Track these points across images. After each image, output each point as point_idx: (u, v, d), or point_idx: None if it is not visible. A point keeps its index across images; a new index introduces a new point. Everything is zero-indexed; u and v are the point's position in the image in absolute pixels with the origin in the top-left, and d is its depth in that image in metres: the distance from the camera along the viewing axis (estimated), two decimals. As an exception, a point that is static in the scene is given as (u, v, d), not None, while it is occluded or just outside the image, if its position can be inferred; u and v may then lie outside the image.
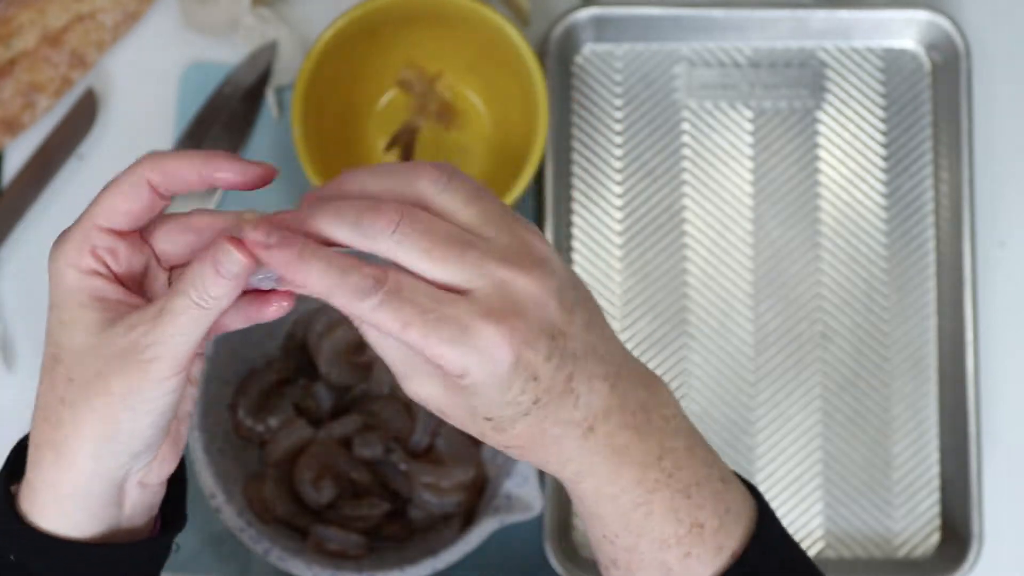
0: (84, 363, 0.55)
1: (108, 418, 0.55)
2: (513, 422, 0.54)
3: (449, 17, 0.92)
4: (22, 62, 0.96)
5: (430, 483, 0.89)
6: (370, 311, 0.52)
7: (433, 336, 0.52)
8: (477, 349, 0.52)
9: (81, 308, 0.55)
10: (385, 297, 0.52)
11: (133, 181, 0.57)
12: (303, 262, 0.52)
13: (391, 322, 0.52)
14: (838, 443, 0.95)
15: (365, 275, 0.52)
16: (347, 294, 0.52)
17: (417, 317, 0.51)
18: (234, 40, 0.97)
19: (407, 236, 0.53)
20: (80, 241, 0.56)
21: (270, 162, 0.61)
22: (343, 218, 0.53)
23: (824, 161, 0.97)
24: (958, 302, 0.94)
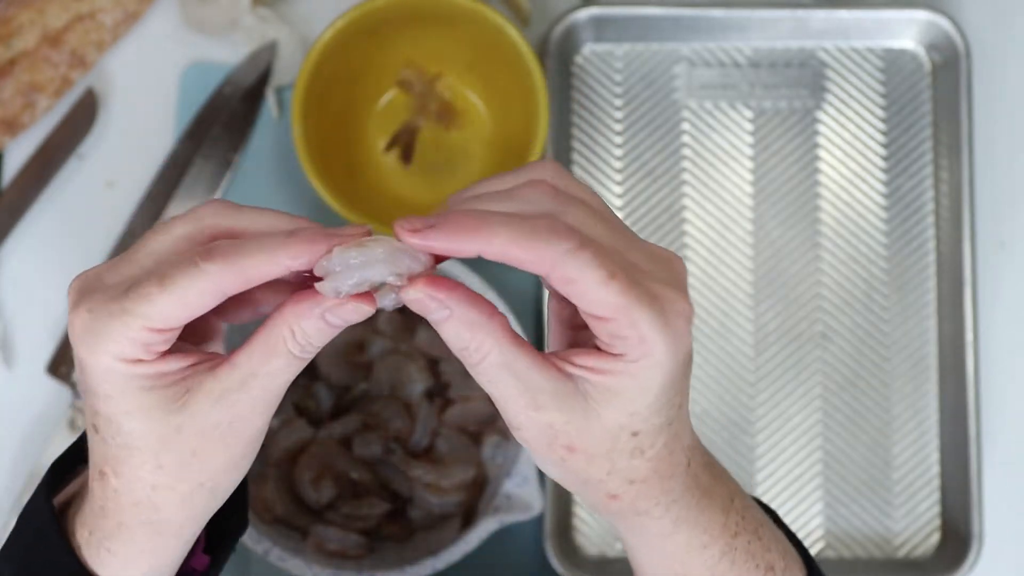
0: (172, 447, 0.50)
1: (214, 488, 0.52)
2: (656, 438, 0.50)
3: (449, 17, 0.92)
4: (22, 62, 0.96)
5: (430, 483, 0.89)
6: (571, 257, 0.47)
7: (633, 295, 0.47)
8: (667, 315, 0.48)
9: (146, 393, 0.50)
10: (588, 242, 0.47)
11: (200, 288, 0.48)
12: (482, 219, 0.47)
13: (592, 270, 0.47)
14: (838, 443, 0.95)
15: (557, 224, 0.48)
16: (545, 243, 0.47)
17: (621, 269, 0.47)
18: (234, 40, 0.97)
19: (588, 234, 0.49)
20: (123, 340, 0.49)
21: (361, 226, 0.52)
22: (513, 227, 0.48)
23: (824, 161, 0.97)
24: (958, 302, 0.94)
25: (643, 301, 0.47)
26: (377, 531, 0.90)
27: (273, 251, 0.49)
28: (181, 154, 0.95)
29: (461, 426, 0.90)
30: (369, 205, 0.92)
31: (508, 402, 0.50)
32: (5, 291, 0.96)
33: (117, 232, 0.95)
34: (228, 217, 0.52)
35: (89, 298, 0.50)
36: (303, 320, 0.49)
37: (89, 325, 0.49)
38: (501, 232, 0.47)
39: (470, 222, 0.47)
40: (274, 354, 0.49)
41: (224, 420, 0.50)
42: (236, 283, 0.48)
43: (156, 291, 0.48)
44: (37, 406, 0.94)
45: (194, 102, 0.96)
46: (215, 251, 0.49)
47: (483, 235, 0.47)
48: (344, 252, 0.49)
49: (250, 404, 0.50)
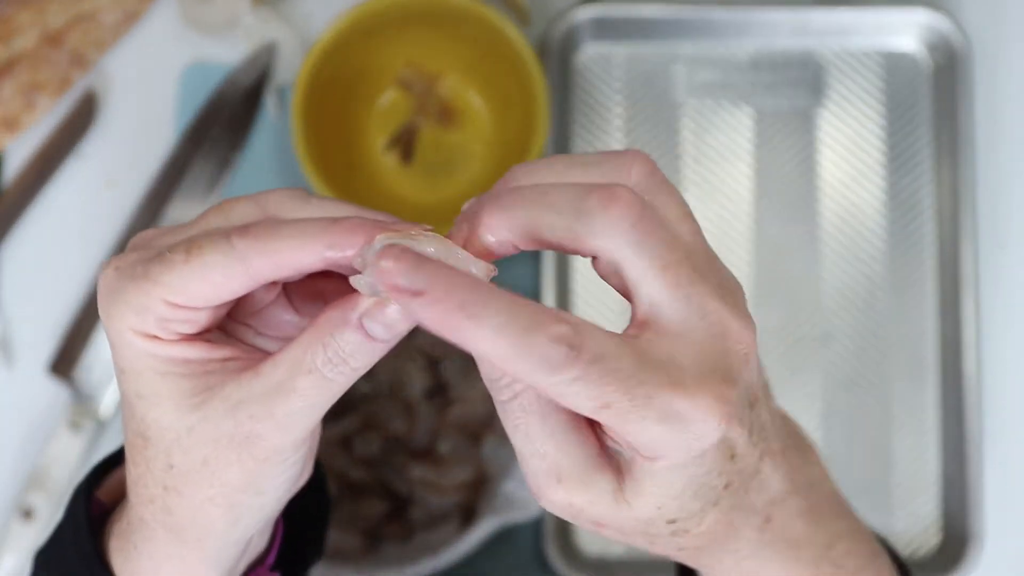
0: (184, 448, 0.44)
1: (227, 506, 0.45)
2: (701, 519, 0.44)
3: (449, 17, 0.92)
4: (22, 62, 0.96)
5: (430, 483, 0.89)
6: (562, 386, 0.40)
7: (634, 417, 0.41)
8: (684, 424, 0.41)
9: (160, 378, 0.44)
10: (585, 370, 0.40)
11: (228, 266, 0.42)
12: (470, 317, 0.38)
13: (587, 401, 0.40)
14: (838, 443, 0.95)
15: (554, 337, 0.39)
16: (531, 365, 0.39)
17: (623, 396, 0.40)
18: (234, 40, 0.97)
19: (648, 237, 0.42)
20: (141, 309, 0.44)
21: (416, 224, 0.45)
22: (551, 200, 0.41)
23: (824, 161, 0.97)
24: (958, 302, 0.94)
25: (649, 420, 0.41)
26: (377, 531, 0.90)
27: (309, 237, 0.42)
28: (181, 154, 0.95)
29: (461, 426, 0.90)
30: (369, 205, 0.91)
31: (529, 463, 0.43)
32: (5, 291, 0.96)
33: (117, 232, 0.95)
34: (291, 207, 0.46)
35: (124, 256, 0.45)
36: (337, 332, 0.42)
37: (112, 284, 0.44)
38: (488, 344, 0.39)
39: (456, 319, 0.38)
40: (301, 371, 0.43)
41: (238, 434, 0.44)
42: (266, 268, 0.42)
43: (182, 259, 0.43)
44: (37, 406, 0.94)
45: (194, 102, 0.96)
46: (251, 229, 0.43)
47: (466, 340, 0.39)
48: (387, 240, 0.41)
49: (270, 422, 0.44)
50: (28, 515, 0.91)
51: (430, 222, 0.96)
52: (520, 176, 0.44)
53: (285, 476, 0.46)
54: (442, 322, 0.38)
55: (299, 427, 0.44)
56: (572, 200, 0.41)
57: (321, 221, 0.43)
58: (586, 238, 0.41)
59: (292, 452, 0.45)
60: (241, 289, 0.43)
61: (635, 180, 0.43)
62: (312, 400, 0.44)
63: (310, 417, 0.44)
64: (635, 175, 0.43)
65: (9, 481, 0.93)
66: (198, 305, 0.43)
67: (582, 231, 0.41)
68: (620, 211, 0.41)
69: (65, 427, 0.92)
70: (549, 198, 0.41)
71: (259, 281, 0.43)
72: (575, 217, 0.41)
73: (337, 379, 0.43)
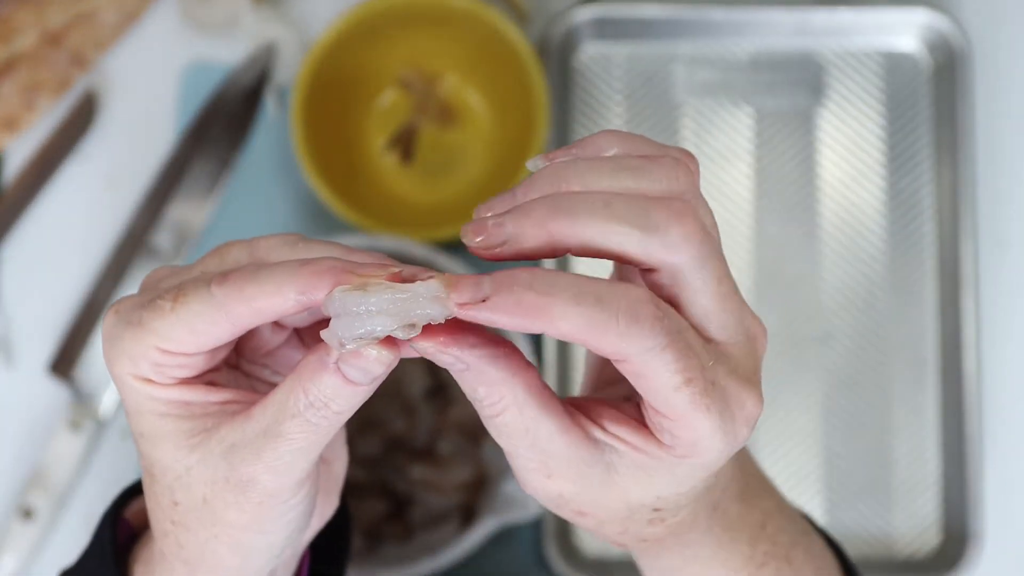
0: (186, 486, 0.45)
1: (233, 544, 0.46)
2: (678, 511, 0.45)
3: (449, 17, 0.92)
4: (22, 62, 0.96)
5: (430, 483, 0.89)
6: (652, 355, 0.41)
7: (703, 403, 0.41)
8: (732, 422, 0.42)
9: (160, 419, 0.45)
10: (673, 338, 0.41)
11: (209, 314, 0.43)
12: (542, 295, 0.39)
13: (674, 374, 0.41)
14: (838, 443, 0.95)
15: (638, 298, 0.40)
16: (620, 331, 0.40)
17: (699, 374, 0.41)
18: (234, 40, 0.97)
19: (712, 254, 0.42)
20: (136, 356, 0.44)
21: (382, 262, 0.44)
22: (617, 213, 0.41)
23: (824, 161, 0.97)
24: (958, 302, 0.94)
25: (712, 410, 0.42)
26: (377, 531, 0.90)
27: (281, 282, 0.42)
28: (181, 154, 0.95)
29: (461, 426, 0.90)
30: (369, 205, 0.92)
31: (516, 460, 0.44)
32: (5, 291, 0.96)
33: (117, 232, 0.95)
34: (278, 252, 0.46)
35: (126, 300, 0.45)
36: (316, 376, 0.42)
37: (111, 329, 0.45)
38: (570, 316, 0.40)
39: (532, 300, 0.39)
40: (286, 415, 0.43)
41: (233, 477, 0.44)
42: (246, 315, 0.42)
43: (169, 308, 0.43)
44: (37, 406, 0.94)
45: (194, 102, 0.96)
46: (229, 277, 0.43)
47: (546, 317, 0.39)
48: (344, 296, 0.41)
49: (262, 466, 0.43)
50: (28, 515, 0.91)
51: (430, 222, 0.96)
52: (570, 177, 0.43)
53: (288, 517, 0.46)
54: (517, 310, 0.39)
55: (292, 470, 0.44)
56: (638, 214, 0.42)
57: (292, 264, 0.42)
58: (657, 252, 0.42)
59: (290, 495, 0.45)
60: (226, 336, 0.43)
61: (682, 188, 0.44)
62: (300, 444, 0.43)
63: (303, 460, 0.44)
64: (682, 182, 0.44)
65: (9, 481, 0.93)
66: (188, 351, 0.44)
67: (653, 246, 0.42)
68: (688, 230, 0.42)
69: (65, 427, 0.92)
70: (614, 210, 0.42)
71: (242, 328, 0.43)
72: (644, 232, 0.42)
73: (321, 423, 0.43)
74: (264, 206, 0.96)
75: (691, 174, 0.44)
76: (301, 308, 0.42)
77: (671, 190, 0.43)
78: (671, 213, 0.42)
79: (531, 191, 0.43)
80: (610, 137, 0.45)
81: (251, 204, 0.96)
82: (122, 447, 0.93)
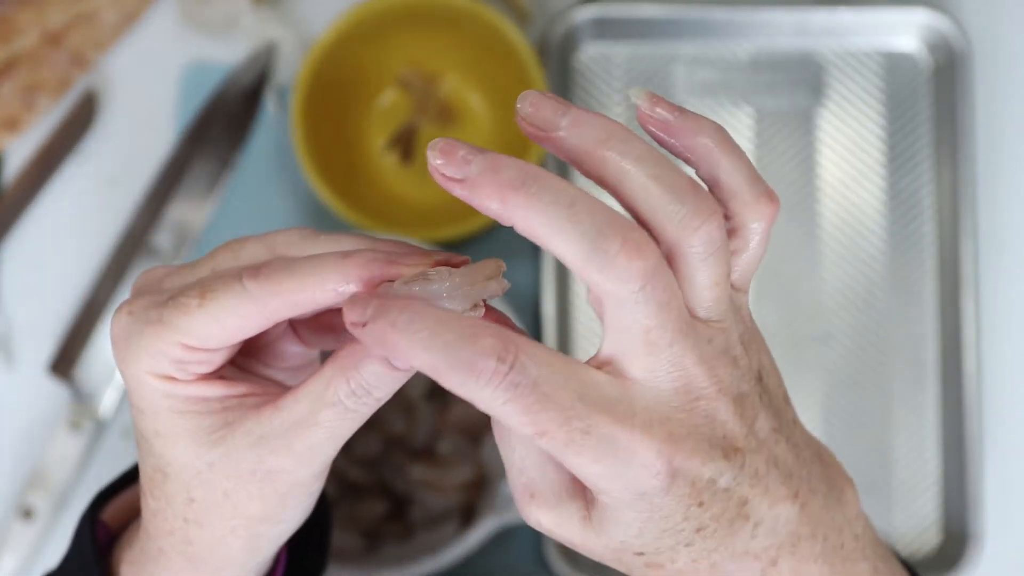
0: (204, 483, 0.45)
1: (248, 537, 0.46)
2: (672, 555, 0.44)
3: (449, 17, 0.92)
4: (22, 62, 0.96)
5: (430, 483, 0.89)
6: (496, 406, 0.40)
7: (570, 451, 0.41)
8: (622, 468, 0.41)
9: (179, 416, 0.45)
10: (514, 393, 0.40)
11: (242, 308, 0.43)
12: (399, 332, 0.39)
13: (522, 427, 0.40)
14: (838, 443, 0.95)
15: (480, 349, 0.40)
16: (460, 378, 0.40)
17: (558, 427, 0.40)
18: (234, 40, 0.97)
19: (648, 301, 0.41)
20: (155, 352, 0.44)
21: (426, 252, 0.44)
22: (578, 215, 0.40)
23: (824, 161, 0.97)
24: (958, 302, 0.94)
25: (584, 456, 0.40)
26: (377, 531, 0.90)
27: (323, 275, 0.43)
28: (181, 154, 0.95)
29: (461, 426, 0.90)
30: (369, 205, 0.92)
31: (508, 472, 0.44)
32: (5, 291, 0.96)
33: (117, 232, 0.95)
34: (300, 245, 0.46)
35: (136, 300, 0.45)
36: (361, 365, 0.43)
37: (126, 329, 0.45)
38: (419, 358, 0.40)
39: (389, 337, 0.39)
40: (324, 404, 0.43)
41: (260, 468, 0.44)
42: (282, 308, 0.43)
43: (196, 304, 0.43)
44: (37, 406, 0.94)
45: (194, 102, 0.96)
46: (263, 270, 0.43)
47: (398, 355, 0.40)
48: (404, 287, 0.42)
49: (292, 457, 0.44)
50: (28, 515, 0.91)
51: (430, 222, 0.96)
52: (619, 138, 0.42)
53: (304, 505, 0.47)
54: (379, 343, 0.39)
55: (319, 459, 0.45)
56: (596, 228, 0.41)
57: (332, 256, 0.43)
58: (595, 275, 0.41)
59: (313, 483, 0.46)
60: (257, 329, 0.44)
61: (696, 239, 0.42)
62: (333, 432, 0.44)
63: (330, 449, 0.45)
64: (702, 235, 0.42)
65: (9, 481, 0.93)
66: (214, 347, 0.44)
67: (595, 268, 0.41)
68: (637, 270, 0.41)
69: (65, 427, 0.92)
70: (578, 212, 0.41)
71: (274, 321, 0.44)
72: (592, 249, 0.40)
73: (360, 410, 0.44)
74: (264, 206, 0.96)
75: (716, 228, 0.42)
76: (340, 300, 0.42)
77: (680, 231, 0.42)
78: (627, 243, 0.40)
79: (580, 129, 0.42)
80: (716, 137, 0.44)
81: (251, 204, 0.96)
82: (122, 447, 0.93)
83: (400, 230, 0.89)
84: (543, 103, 0.43)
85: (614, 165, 0.42)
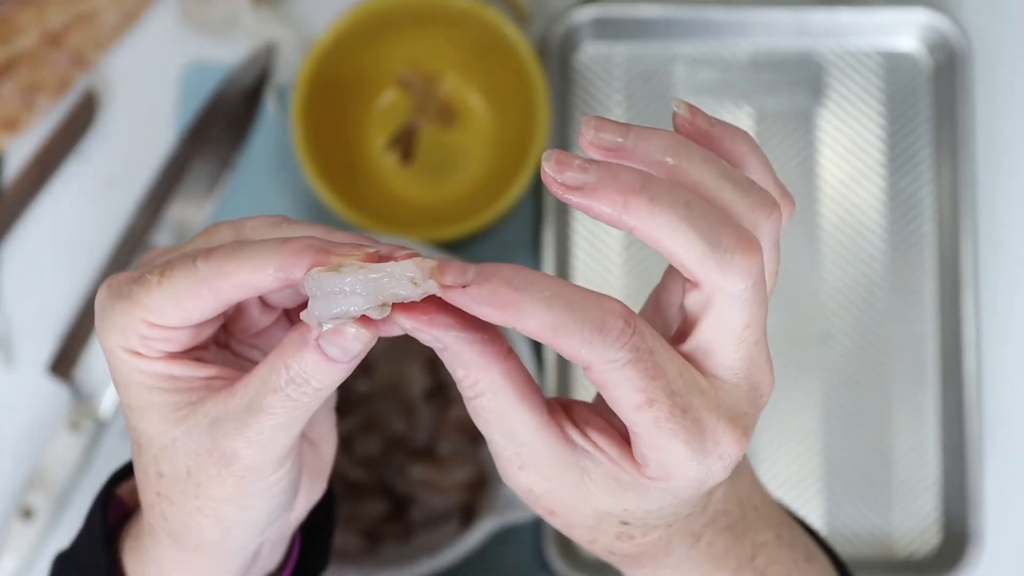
0: (170, 458, 0.46)
1: (215, 518, 0.47)
2: (648, 531, 0.46)
3: (449, 17, 0.92)
4: (22, 62, 0.96)
5: (430, 483, 0.89)
6: (614, 368, 0.41)
7: (668, 427, 0.42)
8: (703, 455, 0.43)
9: (147, 392, 0.46)
10: (638, 355, 0.41)
11: (194, 288, 0.44)
12: (518, 291, 0.40)
13: (634, 392, 0.41)
14: (838, 443, 0.95)
15: (610, 310, 0.41)
16: (584, 337, 0.40)
17: (667, 398, 0.41)
18: (234, 40, 0.97)
19: (755, 296, 0.43)
20: (125, 328, 0.45)
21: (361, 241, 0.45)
22: (695, 218, 0.42)
23: (824, 161, 0.97)
24: (958, 302, 0.94)
25: (678, 436, 0.42)
26: (377, 531, 0.90)
27: (261, 259, 0.43)
28: (181, 154, 0.95)
29: (461, 426, 0.90)
30: (369, 205, 0.92)
31: (492, 446, 0.45)
32: (5, 291, 0.96)
33: (117, 232, 0.95)
34: (262, 231, 0.47)
35: (120, 274, 0.46)
36: (297, 353, 0.43)
37: (103, 302, 0.46)
38: (539, 315, 0.40)
39: (506, 295, 0.40)
40: (268, 390, 0.44)
41: (216, 450, 0.45)
42: (229, 289, 0.44)
43: (156, 281, 0.44)
44: (37, 406, 0.94)
45: (194, 102, 0.96)
46: (213, 252, 0.44)
47: (516, 313, 0.40)
48: (318, 277, 0.42)
49: (244, 440, 0.45)
50: (28, 515, 0.91)
51: (430, 222, 0.96)
52: (683, 155, 0.44)
53: (270, 493, 0.47)
54: (491, 300, 0.40)
55: (273, 446, 0.45)
56: (711, 227, 0.42)
57: (273, 242, 0.44)
58: (710, 272, 0.42)
59: (271, 471, 0.46)
60: (210, 310, 0.44)
61: (765, 228, 0.45)
62: (281, 419, 0.44)
63: (283, 436, 0.45)
64: (769, 223, 0.45)
65: (9, 481, 0.93)
66: (174, 325, 0.45)
67: (709, 264, 0.42)
68: (749, 264, 0.43)
69: (65, 427, 0.92)
70: (692, 212, 0.42)
71: (224, 302, 0.44)
72: (709, 247, 0.42)
73: (301, 399, 0.44)
74: (264, 206, 0.96)
75: (778, 221, 0.45)
76: (281, 285, 0.43)
77: (755, 223, 0.44)
78: (740, 241, 0.42)
79: (647, 143, 0.44)
80: (748, 144, 0.46)
81: (251, 204, 0.96)
82: (122, 447, 0.93)
83: (400, 230, 0.89)
84: (605, 124, 0.44)
85: (688, 168, 0.44)
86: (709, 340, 0.43)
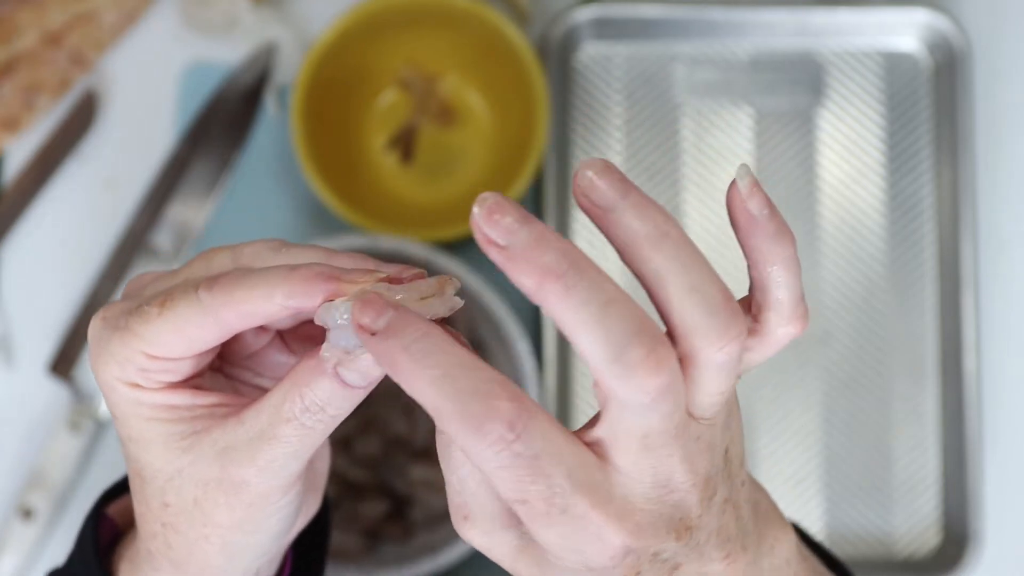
0: (177, 488, 0.46)
1: (221, 544, 0.46)
2: None
3: (449, 17, 0.92)
4: (22, 62, 0.96)
5: (430, 483, 0.89)
6: (489, 465, 0.40)
7: (543, 522, 0.40)
8: (579, 550, 0.41)
9: (148, 423, 0.45)
10: (513, 461, 0.39)
11: (197, 319, 0.43)
12: (411, 360, 0.39)
13: (506, 491, 0.40)
14: (838, 443, 0.95)
15: (495, 413, 0.39)
16: (463, 430, 0.39)
17: (542, 502, 0.40)
18: (234, 40, 0.97)
19: (651, 412, 0.40)
20: (123, 361, 0.45)
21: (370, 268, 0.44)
22: (609, 317, 0.39)
23: (824, 161, 0.97)
24: (958, 302, 0.94)
25: (553, 531, 0.41)
26: (377, 531, 0.90)
27: (270, 287, 0.42)
28: (181, 154, 0.95)
29: (461, 426, 0.90)
30: (369, 205, 0.92)
31: (446, 484, 0.44)
32: (5, 291, 0.96)
33: (117, 232, 0.95)
34: (264, 257, 0.46)
35: (112, 306, 0.46)
36: (313, 381, 0.43)
37: (98, 334, 0.45)
38: (423, 393, 0.39)
39: (400, 362, 0.39)
40: (281, 419, 0.43)
41: (225, 479, 0.44)
42: (234, 319, 0.43)
43: (156, 312, 0.44)
44: (37, 406, 0.94)
45: (194, 102, 0.96)
46: (217, 281, 0.43)
47: (403, 380, 0.39)
48: (330, 309, 0.42)
49: (255, 469, 0.44)
50: (28, 515, 0.91)
51: (430, 222, 0.96)
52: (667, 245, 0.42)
53: (277, 517, 0.47)
54: (384, 361, 0.39)
55: (283, 473, 0.45)
56: (624, 335, 0.39)
57: (281, 270, 0.43)
58: (610, 379, 0.40)
59: (280, 496, 0.46)
60: (213, 340, 0.44)
61: (713, 355, 0.42)
62: (294, 447, 0.44)
63: (294, 463, 0.45)
64: (722, 355, 0.42)
65: (9, 481, 0.93)
66: (176, 356, 0.44)
67: (612, 374, 0.40)
68: (652, 386, 0.40)
69: (65, 427, 0.92)
70: (609, 316, 0.39)
71: (229, 332, 0.44)
72: (614, 357, 0.39)
73: (316, 427, 0.43)
74: (264, 206, 0.96)
75: (736, 350, 0.42)
76: (289, 314, 0.43)
77: (698, 347, 0.41)
78: (648, 359, 0.39)
79: (640, 209, 0.41)
80: (788, 250, 0.45)
81: (251, 204, 0.96)
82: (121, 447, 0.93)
83: (400, 230, 0.89)
84: (606, 176, 0.41)
85: (659, 265, 0.41)
86: (607, 436, 0.41)
